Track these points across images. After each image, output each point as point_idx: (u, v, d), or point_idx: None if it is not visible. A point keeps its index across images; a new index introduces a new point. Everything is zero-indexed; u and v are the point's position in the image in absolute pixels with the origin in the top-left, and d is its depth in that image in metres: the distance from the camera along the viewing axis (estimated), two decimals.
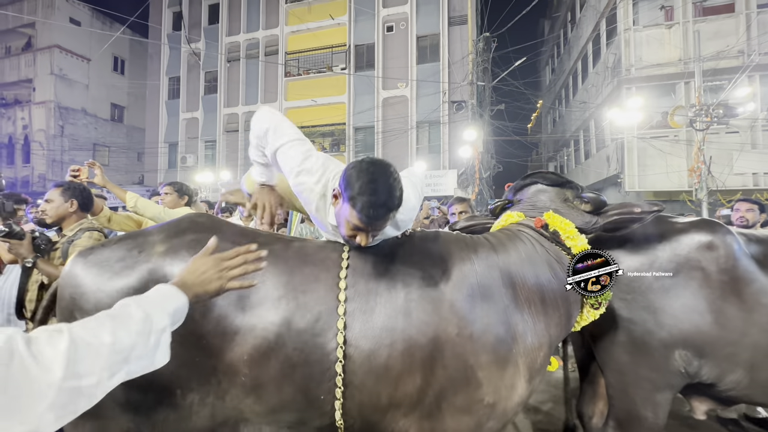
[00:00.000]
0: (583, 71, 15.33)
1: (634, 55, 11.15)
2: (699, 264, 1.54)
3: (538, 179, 1.56)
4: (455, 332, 1.14)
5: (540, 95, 22.44)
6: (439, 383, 1.13)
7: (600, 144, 13.70)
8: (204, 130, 17.09)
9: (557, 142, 19.48)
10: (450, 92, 13.50)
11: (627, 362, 1.59)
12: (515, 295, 1.24)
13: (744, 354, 1.50)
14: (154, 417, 1.09)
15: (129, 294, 1.06)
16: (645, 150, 10.98)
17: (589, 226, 1.46)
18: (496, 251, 1.31)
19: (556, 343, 1.34)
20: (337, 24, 15.19)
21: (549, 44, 21.31)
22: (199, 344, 1.08)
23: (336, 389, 1.09)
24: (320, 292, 1.15)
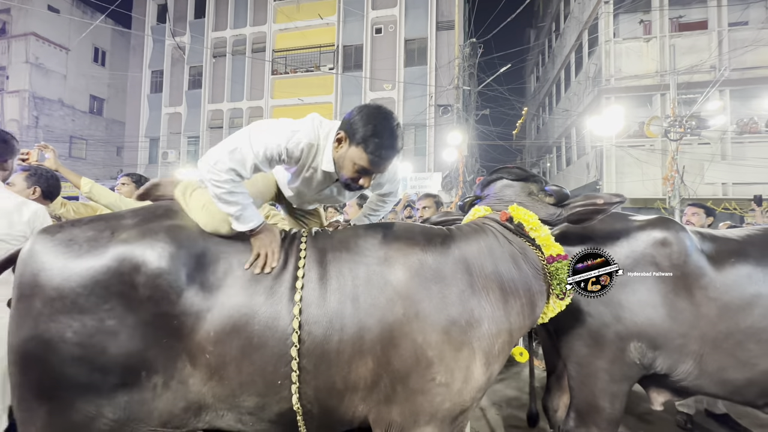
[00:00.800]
0: (566, 80, 15.74)
1: (613, 66, 11.52)
2: (654, 259, 1.61)
3: (503, 174, 1.61)
4: (401, 312, 1.17)
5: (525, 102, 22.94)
6: (391, 365, 1.16)
7: (581, 151, 14.07)
8: (187, 125, 16.76)
9: (540, 148, 19.92)
10: (436, 96, 13.65)
11: (586, 355, 1.64)
12: (472, 281, 1.27)
13: (693, 345, 1.58)
14: (116, 400, 1.07)
15: (97, 276, 1.06)
16: (623, 158, 11.34)
17: (553, 218, 1.50)
18: (454, 240, 1.35)
19: (519, 332, 1.36)
20: (326, 24, 15.17)
21: (534, 53, 21.81)
22: (169, 325, 1.09)
23: (292, 373, 1.12)
24: (281, 277, 1.19)
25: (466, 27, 14.45)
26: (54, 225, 1.18)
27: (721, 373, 1.59)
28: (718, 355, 1.57)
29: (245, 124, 16.94)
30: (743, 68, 10.39)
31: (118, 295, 1.07)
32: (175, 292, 1.10)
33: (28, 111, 18.33)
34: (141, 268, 1.09)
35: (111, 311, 1.07)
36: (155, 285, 1.09)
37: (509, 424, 2.84)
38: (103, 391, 1.07)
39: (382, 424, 1.20)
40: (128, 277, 1.08)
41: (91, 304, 1.06)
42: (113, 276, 1.07)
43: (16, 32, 18.94)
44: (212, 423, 1.17)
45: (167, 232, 1.16)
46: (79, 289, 1.06)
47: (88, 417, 1.06)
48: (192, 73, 16.98)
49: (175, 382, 1.11)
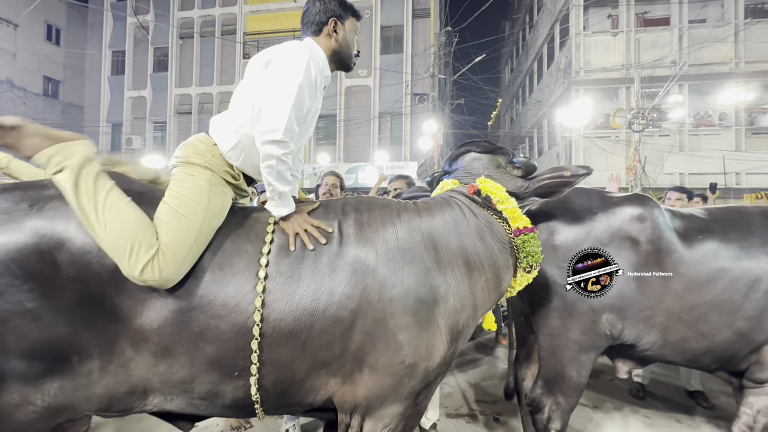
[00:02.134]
0: (538, 72, 16.08)
1: (583, 58, 11.86)
2: (629, 234, 1.67)
3: (471, 147, 1.59)
4: (376, 298, 1.14)
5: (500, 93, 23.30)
6: (360, 349, 1.14)
7: (552, 142, 14.49)
8: (153, 110, 15.94)
9: (514, 138, 20.36)
10: (412, 84, 13.61)
11: (558, 326, 1.71)
12: (437, 257, 1.25)
13: (659, 317, 1.66)
14: (44, 386, 0.99)
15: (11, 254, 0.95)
16: (590, 149, 11.78)
17: (521, 191, 1.49)
18: (420, 215, 1.32)
19: (484, 306, 1.37)
20: (300, 7, 14.60)
21: (509, 44, 22.09)
22: (103, 306, 1.01)
23: (251, 366, 1.07)
24: (239, 266, 1.11)
25: (442, 15, 14.40)
26: None
27: (682, 344, 1.68)
28: (681, 326, 1.65)
29: (215, 111, 16.24)
30: (700, 64, 10.97)
31: (37, 276, 0.97)
32: (106, 271, 1.01)
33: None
34: (64, 245, 1.00)
35: (30, 293, 0.97)
36: (82, 264, 1.00)
37: (478, 398, 2.95)
38: (29, 377, 0.98)
39: (346, 407, 1.19)
40: (49, 255, 0.99)
41: (5, 285, 0.96)
42: (31, 254, 0.97)
43: None
44: (161, 406, 1.12)
45: None
46: None
47: (11, 404, 0.98)
48: (157, 54, 16.08)
49: (114, 366, 1.04)
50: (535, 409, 1.80)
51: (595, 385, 3.07)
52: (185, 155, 1.21)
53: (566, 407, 1.75)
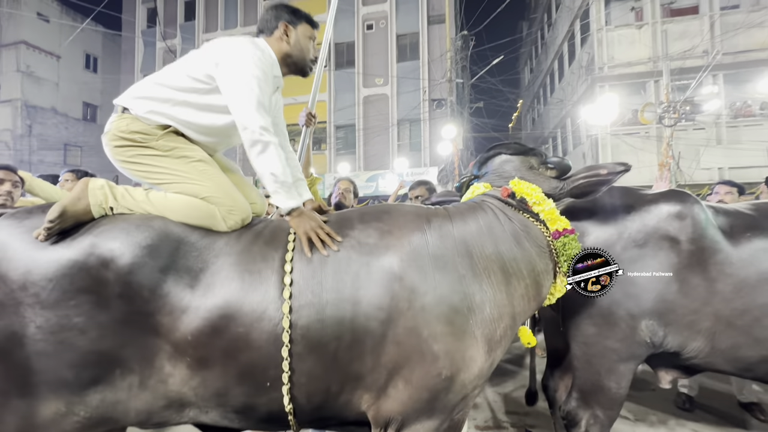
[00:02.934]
0: (559, 70, 15.70)
1: (606, 54, 11.49)
2: (667, 233, 1.55)
3: (501, 150, 1.53)
4: (406, 306, 1.10)
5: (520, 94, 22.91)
6: (394, 363, 1.10)
7: (576, 141, 14.05)
8: None
9: (537, 139, 19.90)
10: (430, 90, 13.60)
11: (593, 334, 1.60)
12: (472, 264, 1.20)
13: (705, 322, 1.53)
14: (87, 398, 1.02)
15: (62, 270, 1.00)
16: (618, 146, 11.32)
17: (556, 192, 1.43)
18: (452, 221, 1.27)
19: (524, 315, 1.30)
20: None
21: (527, 45, 21.75)
22: (144, 323, 1.03)
23: (283, 374, 1.05)
24: (266, 273, 1.10)
25: (457, 20, 14.39)
26: (23, 210, 1.12)
27: (734, 351, 1.54)
28: (732, 332, 1.51)
29: None
30: (735, 52, 10.38)
31: (85, 291, 1.01)
32: (147, 290, 1.03)
33: (21, 120, 18.23)
34: (110, 264, 1.03)
35: (78, 308, 1.01)
36: (126, 282, 1.03)
37: (508, 410, 2.83)
38: (74, 388, 1.02)
39: (381, 420, 1.14)
40: (96, 272, 1.02)
41: (55, 299, 1.00)
42: (80, 270, 1.02)
43: (7, 41, 18.82)
44: (196, 419, 1.12)
45: (138, 226, 1.09)
46: (43, 282, 1.00)
47: (58, 414, 1.01)
48: None
49: (154, 381, 1.05)
50: (571, 423, 1.69)
51: (637, 397, 2.88)
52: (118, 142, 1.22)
53: (605, 421, 1.64)
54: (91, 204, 1.09)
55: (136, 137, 1.19)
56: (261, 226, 1.25)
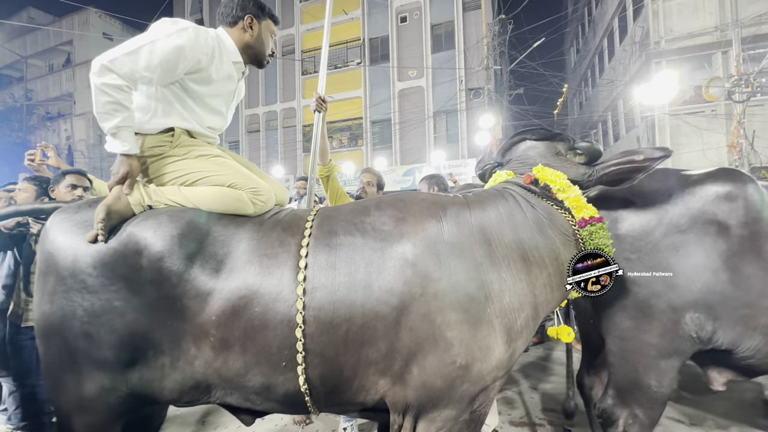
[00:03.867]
0: (609, 49, 14.54)
1: (663, 26, 10.44)
2: (715, 217, 1.40)
3: (526, 135, 1.47)
4: (419, 292, 1.10)
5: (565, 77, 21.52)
6: (406, 347, 1.10)
7: (630, 124, 12.97)
8: (228, 131, 17.66)
9: (585, 124, 18.63)
10: (466, 79, 13.21)
11: (630, 327, 1.49)
12: (490, 252, 1.18)
13: (763, 318, 1.37)
14: (128, 376, 1.13)
15: (104, 258, 1.10)
16: (678, 127, 10.29)
17: (585, 179, 1.36)
18: (470, 208, 1.25)
19: (547, 305, 1.26)
20: (351, 19, 15.21)
21: (573, 23, 20.34)
22: (173, 307, 1.11)
23: (297, 355, 1.09)
24: (282, 258, 1.15)
25: (494, 3, 13.80)
26: (73, 205, 1.23)
27: None
28: None
29: (280, 126, 17.36)
30: None
31: (123, 278, 1.10)
32: (176, 276, 1.10)
33: (93, 130, 20.33)
34: (143, 252, 1.11)
35: (117, 293, 1.10)
36: (157, 268, 1.10)
37: (545, 407, 2.72)
38: (116, 367, 1.12)
39: (398, 407, 1.15)
40: (132, 259, 1.11)
41: (99, 284, 1.10)
42: (119, 258, 1.11)
43: (79, 60, 21.03)
44: (222, 400, 1.19)
45: (170, 217, 1.17)
46: (88, 269, 1.10)
47: (104, 389, 1.13)
48: None
49: (182, 363, 1.12)
50: (607, 422, 1.59)
51: (693, 400, 2.64)
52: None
53: (646, 421, 1.52)
54: (130, 202, 1.19)
55: (154, 151, 1.28)
56: (281, 215, 1.30)
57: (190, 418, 2.64)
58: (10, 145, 19.58)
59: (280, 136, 16.26)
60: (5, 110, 20.90)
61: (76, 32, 20.23)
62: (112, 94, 1.12)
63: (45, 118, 22.21)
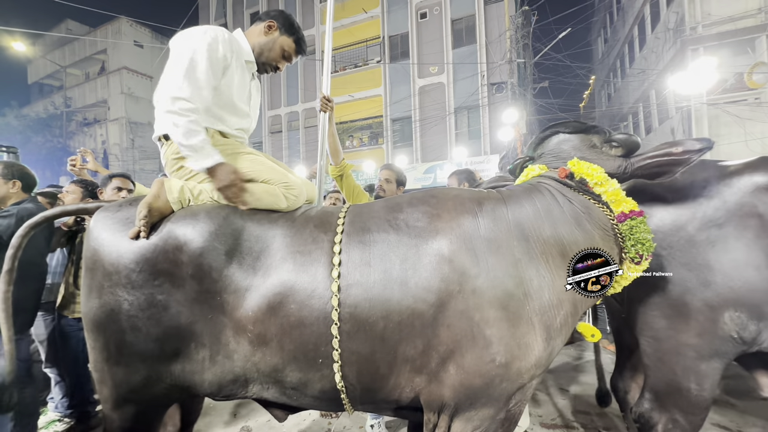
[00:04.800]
0: (640, 37, 13.88)
1: (700, 11, 9.86)
2: (755, 209, 1.31)
3: (559, 129, 1.43)
4: (457, 289, 1.08)
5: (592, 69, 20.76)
6: (445, 346, 1.09)
7: (663, 115, 12.35)
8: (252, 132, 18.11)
9: (614, 117, 17.88)
10: (489, 74, 12.95)
11: (665, 327, 1.41)
12: (528, 248, 1.16)
13: None
14: (171, 367, 1.17)
15: (146, 254, 1.12)
16: (718, 117, 9.70)
17: (621, 171, 1.31)
18: (506, 204, 1.23)
19: (585, 302, 1.22)
20: (371, 17, 15.21)
21: (600, 12, 19.55)
22: (213, 302, 1.13)
23: (333, 352, 1.09)
24: (316, 254, 1.15)
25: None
26: (114, 204, 1.28)
27: None
28: None
29: (302, 126, 17.53)
30: None
31: (164, 273, 1.13)
32: (215, 271, 1.12)
33: (125, 135, 21.33)
34: (183, 247, 1.14)
35: (160, 287, 1.13)
36: (197, 263, 1.12)
37: (577, 409, 2.62)
38: (161, 359, 1.16)
39: (433, 405, 1.14)
40: (172, 255, 1.13)
41: (142, 279, 1.13)
42: (160, 254, 1.14)
43: (112, 68, 22.09)
44: (259, 394, 1.21)
45: (207, 213, 1.19)
46: (132, 265, 1.14)
47: (149, 380, 1.17)
48: None
49: (221, 356, 1.14)
50: (645, 427, 1.51)
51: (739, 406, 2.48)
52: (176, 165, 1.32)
53: (687, 426, 1.43)
54: (169, 200, 1.22)
55: None
56: (313, 212, 1.31)
57: (223, 410, 2.71)
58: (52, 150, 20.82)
59: (302, 136, 16.49)
60: (47, 117, 22.23)
61: (109, 41, 21.24)
62: (189, 116, 1.20)
63: (82, 123, 23.48)
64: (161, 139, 1.36)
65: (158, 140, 1.38)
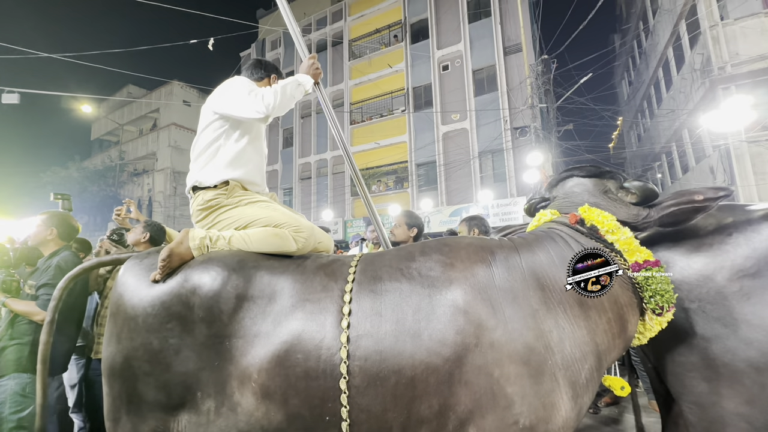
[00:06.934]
0: (666, 78, 13.83)
1: (727, 51, 9.78)
2: None
3: (575, 172, 1.41)
4: (474, 342, 1.02)
5: (618, 110, 20.68)
6: (462, 404, 1.01)
7: (699, 154, 11.88)
8: (282, 179, 19.02)
9: (646, 157, 17.39)
10: (511, 119, 13.18)
11: (706, 392, 1.25)
12: (545, 297, 1.10)
13: None
14: (178, 418, 1.15)
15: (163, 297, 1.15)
16: (761, 155, 9.20)
17: (639, 220, 1.25)
18: (519, 252, 1.19)
19: (609, 354, 1.14)
20: (395, 71, 16.20)
21: (622, 56, 19.85)
22: (221, 347, 1.12)
23: (342, 409, 1.03)
24: (325, 303, 1.13)
25: (536, 45, 13.97)
26: (143, 252, 1.35)
27: None
28: None
29: (330, 172, 18.18)
30: None
31: (177, 316, 1.15)
32: (226, 315, 1.13)
33: (169, 183, 23.02)
34: (196, 290, 1.16)
35: (172, 330, 1.14)
36: (208, 306, 1.14)
37: None
38: (168, 408, 1.14)
39: None
40: (186, 298, 1.16)
41: (157, 323, 1.15)
42: (174, 297, 1.17)
43: (162, 125, 24.47)
44: None
45: (221, 258, 1.23)
46: (149, 309, 1.17)
47: (156, 431, 1.15)
48: (284, 134, 19.50)
49: (226, 408, 1.11)
50: None
51: None
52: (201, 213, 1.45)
53: None
54: (191, 247, 1.29)
55: (211, 204, 1.41)
56: (324, 260, 1.31)
57: None
58: (104, 198, 22.73)
59: (330, 181, 17.10)
60: (103, 169, 24.55)
61: (162, 102, 23.72)
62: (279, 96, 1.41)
63: (132, 174, 25.69)
64: (191, 192, 1.47)
65: (189, 192, 1.49)
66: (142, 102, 25.27)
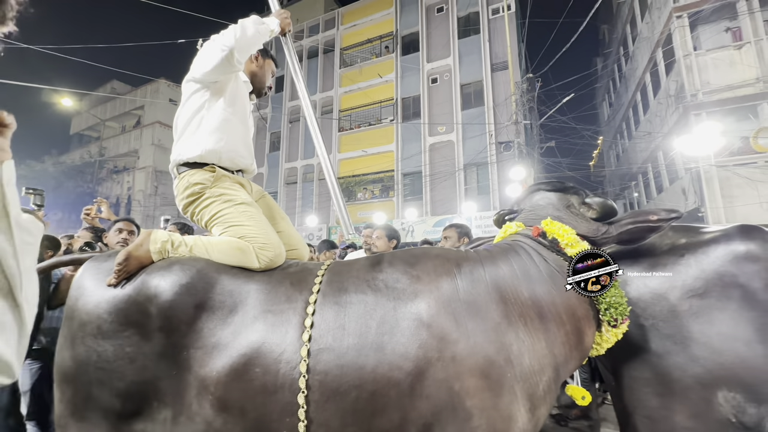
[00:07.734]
0: (643, 102, 14.45)
1: (698, 80, 10.32)
2: (735, 280, 1.26)
3: (542, 186, 1.46)
4: (435, 356, 1.03)
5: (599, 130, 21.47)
6: (422, 418, 1.02)
7: (673, 176, 12.40)
8: (268, 183, 18.84)
9: (623, 176, 18.03)
10: (496, 133, 13.49)
11: (657, 406, 1.31)
12: (507, 311, 1.12)
13: None
14: (133, 427, 1.11)
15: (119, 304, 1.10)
16: (729, 179, 9.67)
17: (598, 235, 1.30)
18: (483, 264, 1.21)
19: (567, 366, 1.17)
20: (385, 81, 16.40)
21: (604, 79, 20.68)
22: (179, 357, 1.09)
23: (299, 423, 1.01)
24: (287, 315, 1.10)
25: (521, 64, 14.42)
26: (104, 254, 1.29)
27: None
28: None
29: (316, 178, 18.16)
30: None
31: (134, 324, 1.10)
32: (185, 325, 1.09)
33: (150, 182, 22.47)
34: (153, 299, 1.12)
35: (129, 338, 1.10)
36: (166, 316, 1.10)
37: None
38: (122, 416, 1.10)
39: None
40: (143, 306, 1.11)
41: (113, 330, 1.10)
42: (131, 305, 1.12)
43: (146, 122, 23.96)
44: None
45: (181, 265, 1.18)
46: (105, 315, 1.12)
47: None
48: (272, 138, 19.38)
49: (184, 418, 1.07)
50: None
51: None
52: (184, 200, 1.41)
53: None
54: (150, 250, 1.24)
55: (195, 189, 1.37)
56: (292, 269, 1.29)
57: None
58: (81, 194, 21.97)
59: (316, 187, 17.03)
60: (81, 165, 23.79)
61: (147, 100, 23.27)
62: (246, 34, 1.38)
63: (112, 171, 24.98)
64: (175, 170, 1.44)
65: (173, 170, 1.46)
66: (126, 98, 24.73)
